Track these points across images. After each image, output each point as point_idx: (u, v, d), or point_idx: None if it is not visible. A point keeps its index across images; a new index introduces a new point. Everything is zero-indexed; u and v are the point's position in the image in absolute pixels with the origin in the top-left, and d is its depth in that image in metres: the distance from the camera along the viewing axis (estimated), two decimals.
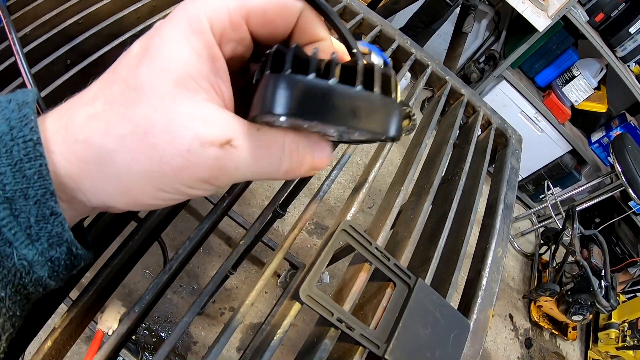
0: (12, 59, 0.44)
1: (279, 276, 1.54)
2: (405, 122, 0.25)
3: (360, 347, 0.34)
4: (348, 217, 0.39)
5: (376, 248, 0.36)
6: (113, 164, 0.18)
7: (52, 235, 0.19)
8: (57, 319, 0.34)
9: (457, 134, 0.60)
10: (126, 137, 0.18)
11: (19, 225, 0.18)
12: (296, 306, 0.33)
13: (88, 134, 0.18)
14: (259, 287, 0.34)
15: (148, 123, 0.18)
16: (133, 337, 1.28)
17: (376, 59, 0.25)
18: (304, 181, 0.83)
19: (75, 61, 0.50)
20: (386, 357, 0.33)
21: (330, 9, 0.21)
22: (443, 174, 0.52)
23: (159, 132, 0.18)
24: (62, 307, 0.36)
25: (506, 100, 2.31)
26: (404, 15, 2.10)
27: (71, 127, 0.19)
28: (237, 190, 0.41)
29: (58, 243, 0.19)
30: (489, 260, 0.49)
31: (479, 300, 0.46)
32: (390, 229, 0.43)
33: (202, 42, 0.19)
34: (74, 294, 0.35)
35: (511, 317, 2.14)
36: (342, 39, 0.21)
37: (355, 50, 0.20)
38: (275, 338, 0.32)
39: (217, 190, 0.21)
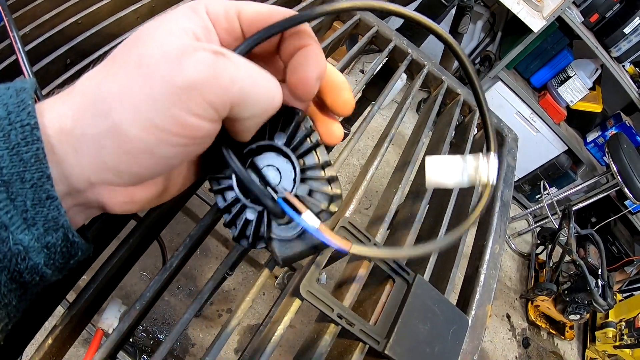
0: (11, 58, 0.44)
1: (276, 277, 1.54)
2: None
3: (360, 343, 0.34)
4: (347, 215, 0.40)
5: (375, 245, 0.36)
6: (104, 101, 0.19)
7: (48, 220, 0.19)
8: (54, 322, 0.34)
9: (453, 134, 0.60)
10: (119, 70, 0.19)
11: (15, 208, 0.18)
12: (296, 302, 0.33)
13: (83, 87, 0.20)
14: (259, 283, 0.34)
15: (141, 55, 0.19)
16: (131, 340, 1.28)
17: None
18: None
19: (74, 61, 0.50)
20: (386, 352, 0.33)
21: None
22: None
23: (149, 51, 0.19)
24: (59, 310, 0.36)
25: (502, 101, 2.33)
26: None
27: (65, 95, 0.20)
28: None
29: (54, 228, 0.19)
30: (487, 257, 0.50)
31: (477, 296, 0.46)
32: (389, 227, 0.43)
33: (199, 18, 0.21)
34: (70, 296, 0.35)
35: (508, 317, 2.14)
36: None
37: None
38: (275, 334, 0.32)
39: (214, 116, 0.20)
